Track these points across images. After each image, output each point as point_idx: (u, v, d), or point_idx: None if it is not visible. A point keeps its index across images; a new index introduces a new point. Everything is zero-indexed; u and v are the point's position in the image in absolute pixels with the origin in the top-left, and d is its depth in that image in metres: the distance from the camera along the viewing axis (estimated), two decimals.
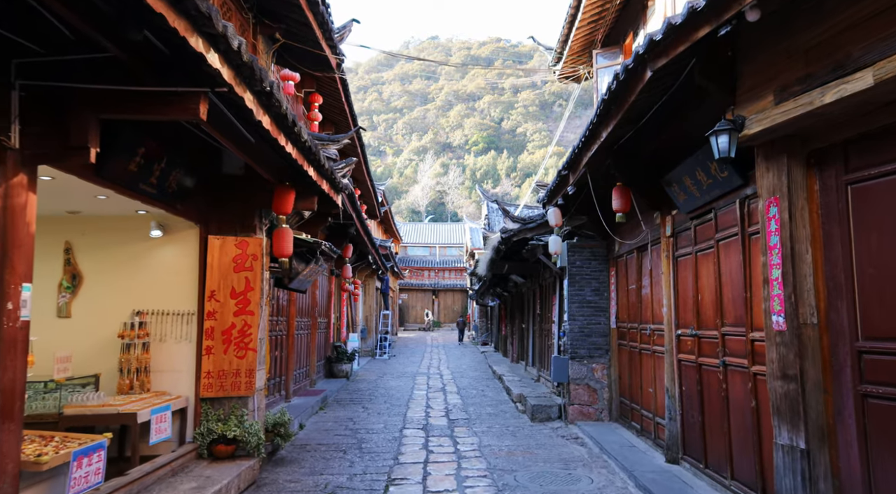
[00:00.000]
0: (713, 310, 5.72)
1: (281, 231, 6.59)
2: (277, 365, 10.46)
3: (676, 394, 6.63)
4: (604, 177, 7.41)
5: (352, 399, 12.74)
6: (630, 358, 8.69)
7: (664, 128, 6.02)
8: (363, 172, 18.10)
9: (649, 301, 7.80)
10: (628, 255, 8.83)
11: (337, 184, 7.28)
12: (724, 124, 4.24)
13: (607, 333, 9.62)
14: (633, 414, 8.49)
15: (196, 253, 6.72)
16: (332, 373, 15.77)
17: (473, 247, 37.90)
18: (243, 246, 6.79)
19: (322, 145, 8.20)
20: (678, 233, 6.72)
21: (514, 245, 11.71)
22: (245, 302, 6.72)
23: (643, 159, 6.87)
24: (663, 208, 7.05)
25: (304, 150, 5.66)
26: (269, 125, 4.66)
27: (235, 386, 6.62)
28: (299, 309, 12.32)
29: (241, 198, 6.93)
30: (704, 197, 5.67)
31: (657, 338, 7.45)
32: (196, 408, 6.53)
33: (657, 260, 7.36)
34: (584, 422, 9.31)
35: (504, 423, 9.87)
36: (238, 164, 6.89)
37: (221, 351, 6.59)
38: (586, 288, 9.73)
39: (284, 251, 6.58)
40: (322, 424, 9.79)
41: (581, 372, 9.51)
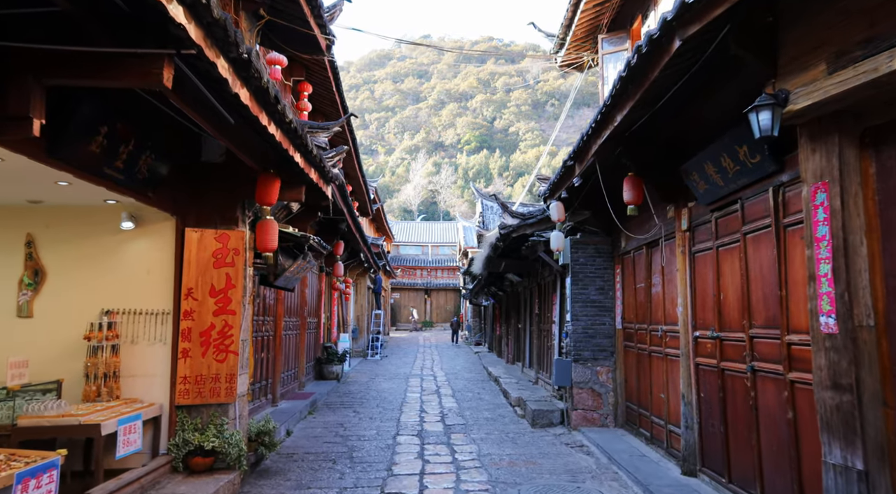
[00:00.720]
0: (739, 310, 5.22)
1: (265, 223, 6.04)
2: (264, 368, 9.90)
3: (693, 401, 6.13)
4: (613, 168, 6.91)
5: (342, 402, 12.19)
6: (638, 361, 8.19)
7: (684, 111, 5.51)
8: (355, 168, 17.54)
9: (661, 300, 7.30)
10: (636, 252, 8.33)
11: (326, 173, 6.73)
12: (765, 99, 3.73)
13: (612, 334, 9.12)
14: (642, 421, 7.99)
15: (172, 247, 6.15)
16: (322, 375, 15.20)
17: (467, 245, 37.38)
18: (224, 239, 6.24)
19: (311, 133, 7.66)
20: (696, 226, 6.21)
21: (513, 241, 11.19)
22: (225, 300, 6.17)
23: (658, 147, 6.37)
24: (678, 200, 6.54)
25: (290, 133, 5.11)
26: (248, 100, 4.12)
27: (214, 392, 6.06)
28: (287, 309, 11.75)
29: (223, 188, 6.38)
30: (730, 186, 5.16)
31: (670, 340, 6.95)
32: (171, 417, 5.97)
33: (671, 256, 6.86)
34: (589, 428, 8.80)
35: (503, 429, 9.35)
36: (219, 151, 6.34)
37: (199, 354, 6.03)
38: (590, 287, 9.22)
39: (269, 245, 6.03)
40: (310, 430, 9.23)
41: (585, 375, 9.01)
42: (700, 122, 5.48)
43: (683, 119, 5.62)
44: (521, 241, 11.28)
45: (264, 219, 6.02)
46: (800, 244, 4.30)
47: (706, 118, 5.36)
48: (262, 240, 5.99)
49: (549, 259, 10.34)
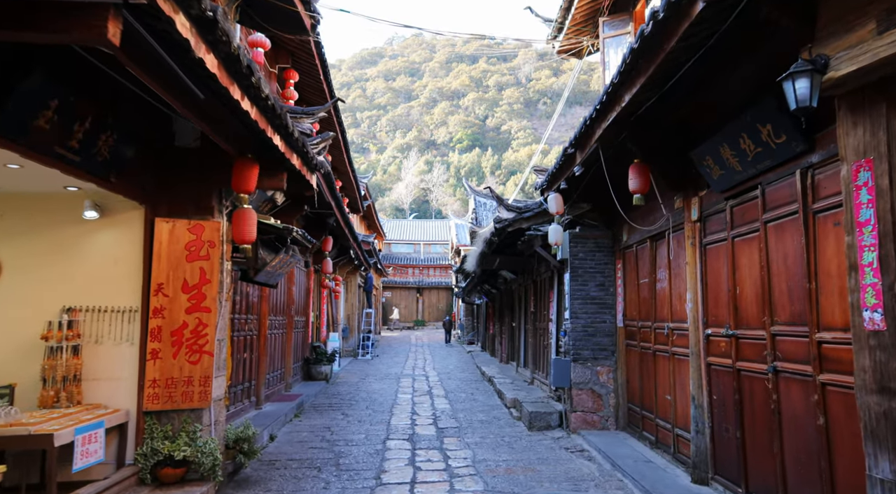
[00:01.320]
0: (758, 306, 4.79)
1: (242, 212, 5.55)
2: (247, 369, 9.41)
3: (705, 404, 5.70)
4: (617, 155, 6.48)
5: (331, 404, 11.71)
6: (641, 361, 7.76)
7: (697, 90, 5.08)
8: (344, 162, 17.05)
9: (667, 296, 6.87)
10: (639, 246, 7.90)
11: (310, 160, 6.25)
12: (802, 65, 3.29)
13: (613, 332, 8.69)
14: (646, 423, 7.56)
15: (140, 238, 5.66)
16: (311, 376, 14.71)
17: (459, 243, 36.93)
18: (198, 230, 5.75)
19: (295, 118, 7.17)
20: (707, 216, 5.78)
21: (509, 236, 10.74)
22: (199, 297, 5.68)
23: (666, 132, 5.94)
24: (688, 189, 6.11)
25: (267, 111, 4.63)
26: (216, 68, 3.63)
27: (187, 396, 5.57)
28: (273, 307, 11.25)
29: (197, 176, 5.89)
30: (749, 170, 4.73)
31: (677, 338, 6.52)
32: (139, 424, 5.47)
33: (679, 249, 6.43)
34: (589, 431, 8.37)
35: (499, 432, 8.90)
36: (193, 135, 5.85)
37: (170, 356, 5.54)
38: (590, 283, 8.79)
39: (246, 236, 5.54)
40: (296, 434, 8.75)
41: (584, 375, 8.57)
42: (715, 102, 5.05)
43: (696, 99, 5.19)
44: (517, 236, 10.84)
45: (241, 208, 5.53)
46: (833, 231, 3.87)
47: (722, 97, 4.93)
48: (239, 231, 5.50)
49: (547, 254, 9.89)
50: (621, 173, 6.59)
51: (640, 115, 5.60)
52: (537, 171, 9.75)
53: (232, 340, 8.38)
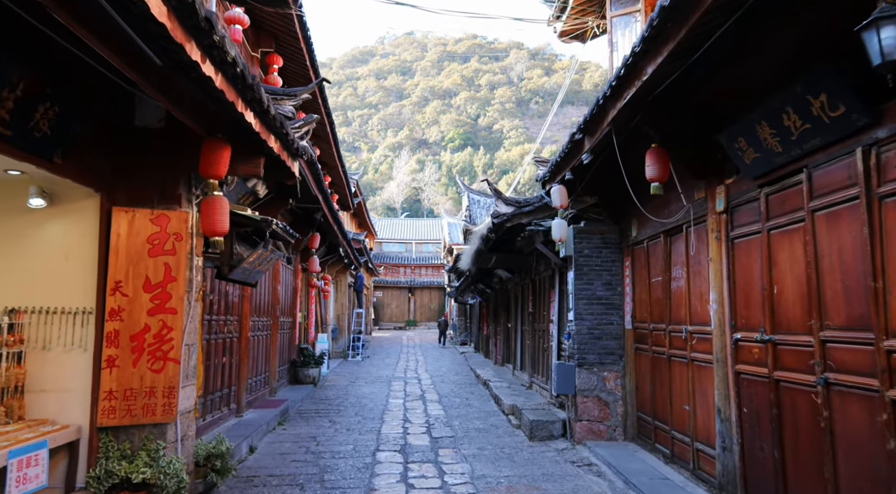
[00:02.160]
0: (802, 307, 4.18)
1: (212, 200, 4.88)
2: (226, 374, 8.72)
3: (733, 417, 5.09)
4: (629, 141, 5.85)
5: (318, 410, 11.04)
6: (653, 366, 7.15)
7: (731, 60, 4.45)
8: (333, 157, 16.36)
9: (684, 296, 6.26)
10: (650, 241, 7.29)
11: (291, 144, 5.59)
12: (889, 10, 2.67)
13: (621, 335, 8.07)
14: (659, 435, 6.95)
15: (96, 230, 4.97)
16: (298, 379, 14.02)
17: (452, 242, 36.29)
18: (162, 221, 5.07)
19: (275, 99, 6.51)
20: (736, 207, 5.17)
21: (507, 232, 10.11)
22: (164, 296, 5.01)
23: (687, 113, 5.33)
24: (712, 176, 5.50)
25: (236, 79, 3.97)
26: (166, 18, 2.97)
27: (149, 409, 4.90)
28: (256, 307, 10.57)
29: (163, 160, 5.21)
30: (792, 151, 4.11)
31: (697, 343, 5.91)
32: (92, 442, 4.79)
33: (700, 243, 5.82)
34: (595, 442, 7.75)
35: (497, 443, 8.26)
36: (157, 114, 5.17)
37: (129, 363, 4.86)
38: (596, 282, 8.17)
39: (217, 227, 4.86)
40: (278, 445, 8.08)
41: (590, 381, 7.96)
42: (752, 74, 4.43)
43: (728, 72, 4.56)
44: (516, 232, 10.21)
45: (211, 196, 4.85)
46: None
47: (762, 68, 4.31)
48: (210, 222, 4.82)
49: (548, 251, 9.27)
50: (634, 161, 5.99)
51: (659, 95, 4.99)
52: (538, 162, 9.13)
53: (206, 344, 7.70)
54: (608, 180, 7.77)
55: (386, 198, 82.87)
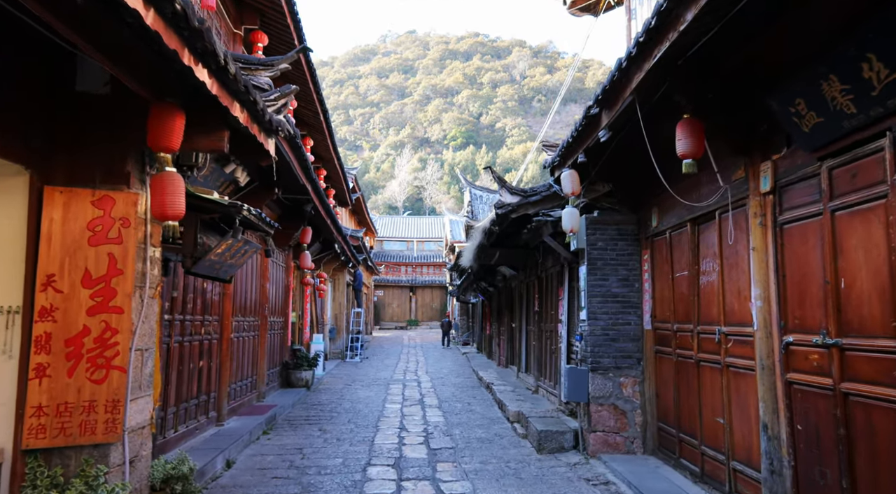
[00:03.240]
0: (882, 305, 3.37)
1: (163, 178, 4.07)
2: (203, 380, 7.94)
3: (783, 435, 4.29)
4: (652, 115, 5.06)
5: (308, 417, 10.25)
6: (678, 372, 6.35)
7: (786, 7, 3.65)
8: (329, 149, 15.58)
9: (716, 292, 5.45)
10: (674, 231, 6.49)
11: (261, 114, 4.79)
12: None
13: (639, 337, 7.27)
14: (684, 449, 6.15)
15: (24, 214, 4.18)
16: (290, 382, 13.24)
17: (454, 240, 35.50)
18: (106, 204, 4.29)
19: (249, 70, 5.73)
20: (786, 186, 4.36)
21: (512, 225, 9.31)
22: (108, 292, 4.22)
23: (728, 74, 4.52)
24: (753, 151, 4.70)
25: (176, 20, 3.17)
26: None
27: (87, 427, 4.11)
28: (241, 306, 9.79)
29: (109, 133, 4.43)
30: (871, 110, 3.31)
31: (734, 346, 5.10)
32: (16, 467, 4.00)
33: (739, 231, 5.00)
34: (611, 455, 6.95)
35: (502, 455, 7.46)
36: (101, 77, 4.39)
37: (64, 373, 4.08)
38: (611, 278, 7.36)
39: (168, 210, 4.06)
40: (259, 459, 7.29)
41: (605, 387, 7.15)
42: (817, 16, 3.62)
43: (787, 16, 3.75)
44: (521, 225, 9.41)
45: (162, 172, 4.06)
46: None
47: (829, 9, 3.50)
48: (159, 203, 4.01)
49: (557, 244, 8.47)
50: (656, 139, 5.20)
51: (690, 58, 4.20)
52: (546, 147, 8.34)
53: (178, 347, 6.91)
54: (624, 165, 6.99)
55: (388, 196, 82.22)
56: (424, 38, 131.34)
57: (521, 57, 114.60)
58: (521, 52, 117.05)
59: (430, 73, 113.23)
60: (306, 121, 13.59)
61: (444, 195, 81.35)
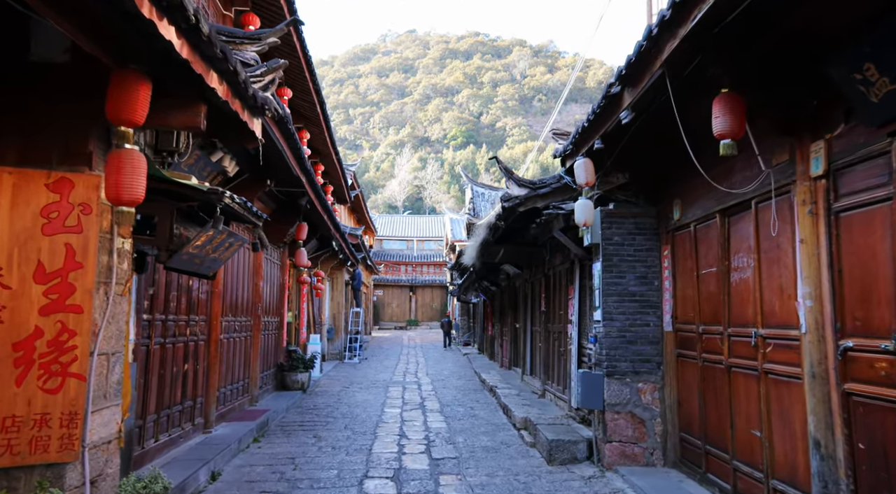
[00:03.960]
0: None
1: (121, 155, 3.51)
2: (189, 384, 7.40)
3: (840, 454, 3.74)
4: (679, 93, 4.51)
5: (303, 422, 9.70)
6: (704, 378, 5.80)
7: None
8: (326, 143, 15.04)
9: (752, 290, 4.90)
10: (699, 224, 5.94)
11: (244, 87, 4.24)
12: None
13: (659, 339, 6.72)
14: (712, 463, 5.60)
15: None
16: (285, 385, 12.68)
17: (454, 239, 34.94)
18: (63, 187, 3.75)
19: (234, 44, 5.17)
20: (843, 168, 3.81)
21: (519, 219, 8.76)
22: (65, 289, 3.68)
23: (771, 43, 3.97)
24: (801, 130, 4.15)
25: None
26: None
27: (39, 444, 3.56)
28: (231, 305, 9.24)
29: (68, 107, 3.89)
30: None
31: (775, 351, 4.55)
32: None
33: (783, 221, 4.45)
34: (629, 468, 6.40)
35: (510, 467, 6.91)
36: (60, 43, 3.85)
37: (11, 381, 3.53)
38: (628, 275, 6.81)
39: (125, 193, 3.49)
40: (248, 470, 6.74)
41: (622, 394, 6.60)
42: None
43: None
44: (529, 220, 8.86)
45: (121, 150, 3.50)
46: None
47: None
48: (115, 184, 3.45)
49: (568, 240, 7.92)
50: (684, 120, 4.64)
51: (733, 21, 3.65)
52: (557, 135, 7.78)
53: (160, 349, 6.36)
54: (643, 153, 6.46)
55: (388, 196, 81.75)
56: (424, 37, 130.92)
57: (522, 56, 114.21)
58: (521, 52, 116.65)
59: (430, 73, 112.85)
60: (302, 113, 13.04)
61: (444, 194, 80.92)
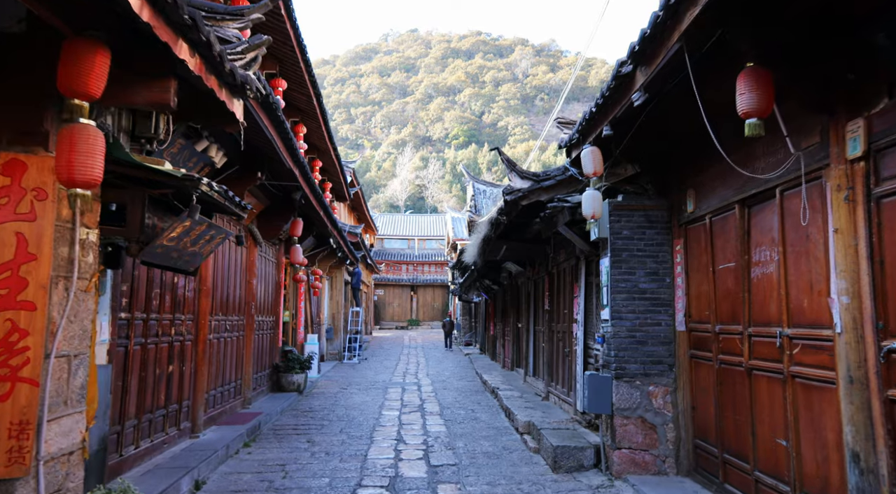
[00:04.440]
0: None
1: (73, 131, 3.12)
2: (174, 386, 7.01)
3: (882, 469, 3.33)
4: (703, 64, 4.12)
5: (297, 425, 9.32)
6: (721, 381, 5.40)
7: None
8: (324, 138, 14.64)
9: (776, 286, 4.50)
10: (715, 216, 5.54)
11: (219, 61, 3.85)
12: None
13: (671, 339, 6.32)
14: (730, 473, 5.20)
15: None
16: (280, 386, 12.30)
17: (456, 237, 34.55)
18: (15, 170, 3.36)
19: (213, 21, 4.78)
20: (886, 148, 3.41)
21: (522, 214, 8.35)
22: (15, 283, 3.29)
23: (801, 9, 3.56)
24: (837, 107, 3.75)
25: None
26: None
27: None
28: (222, 304, 8.86)
29: (22, 81, 3.51)
30: None
31: (803, 352, 4.15)
32: None
33: (813, 210, 4.04)
34: (639, 477, 6.01)
35: (512, 475, 6.52)
36: (13, 12, 3.45)
37: None
38: (638, 271, 6.42)
39: (76, 173, 3.09)
40: (235, 478, 6.36)
41: (632, 398, 6.21)
42: None
43: None
44: (532, 214, 8.46)
45: (74, 124, 3.11)
46: None
47: None
48: (65, 163, 3.05)
49: (574, 235, 7.52)
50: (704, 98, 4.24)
51: None
52: (562, 124, 7.38)
53: (140, 350, 5.97)
54: (653, 142, 6.08)
55: (389, 195, 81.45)
56: (426, 36, 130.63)
57: (524, 55, 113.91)
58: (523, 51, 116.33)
59: (431, 72, 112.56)
60: (298, 106, 12.65)
61: (445, 194, 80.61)
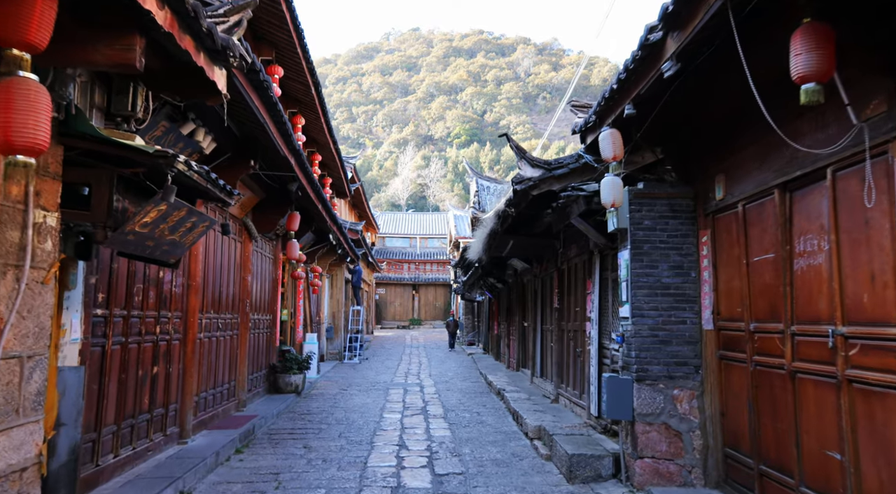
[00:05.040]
0: None
1: (9, 85, 2.61)
2: (159, 389, 6.52)
3: None
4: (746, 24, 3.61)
5: (293, 429, 8.82)
6: (756, 385, 4.89)
7: None
8: (323, 131, 14.16)
9: (827, 279, 3.99)
10: (749, 203, 5.03)
11: (196, 22, 3.34)
12: None
13: (697, 339, 5.81)
14: (768, 487, 4.69)
15: None
16: (278, 387, 11.80)
17: (458, 236, 34.04)
18: None
19: None
20: None
21: (531, 205, 7.83)
22: None
23: None
24: None
25: None
26: None
27: None
28: (213, 301, 8.36)
29: None
30: None
31: (863, 354, 3.64)
32: None
33: (878, 191, 3.53)
34: (664, 488, 5.50)
35: (524, 485, 6.01)
36: None
37: None
38: (661, 265, 5.90)
39: (13, 135, 2.52)
40: (224, 487, 5.87)
41: (655, 402, 5.70)
42: None
43: None
44: (542, 206, 7.94)
45: (11, 78, 2.61)
46: None
47: None
48: (2, 123, 2.56)
49: (588, 226, 7.02)
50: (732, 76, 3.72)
51: None
52: (576, 108, 6.88)
53: (121, 349, 5.47)
54: (677, 124, 5.59)
55: (391, 194, 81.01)
56: (428, 35, 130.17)
57: (526, 54, 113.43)
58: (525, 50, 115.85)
59: (433, 71, 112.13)
60: (296, 96, 12.17)
61: (447, 193, 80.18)
